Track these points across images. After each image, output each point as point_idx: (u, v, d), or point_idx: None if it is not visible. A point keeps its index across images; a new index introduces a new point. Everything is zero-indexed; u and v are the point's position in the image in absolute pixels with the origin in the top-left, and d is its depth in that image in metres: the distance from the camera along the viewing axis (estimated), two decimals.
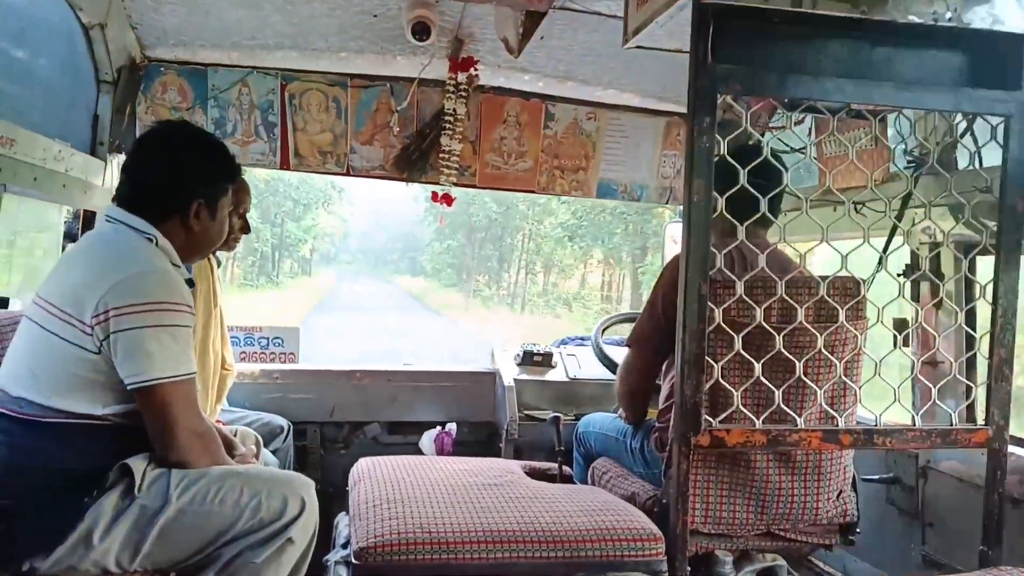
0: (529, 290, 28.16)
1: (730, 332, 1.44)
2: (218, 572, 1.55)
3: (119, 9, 2.34)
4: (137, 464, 1.53)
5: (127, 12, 2.37)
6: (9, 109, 1.91)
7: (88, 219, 2.44)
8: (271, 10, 2.41)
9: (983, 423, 1.51)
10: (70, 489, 1.48)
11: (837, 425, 1.53)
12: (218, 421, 2.35)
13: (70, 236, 2.46)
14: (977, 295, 1.56)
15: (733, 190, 1.40)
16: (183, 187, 1.71)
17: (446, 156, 2.88)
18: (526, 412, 2.99)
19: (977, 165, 1.56)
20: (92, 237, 1.74)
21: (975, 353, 1.59)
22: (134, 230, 1.66)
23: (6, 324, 1.77)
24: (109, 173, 2.45)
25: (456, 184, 2.96)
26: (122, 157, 2.55)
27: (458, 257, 32.49)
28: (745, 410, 1.44)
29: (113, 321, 1.49)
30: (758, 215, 1.44)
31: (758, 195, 1.43)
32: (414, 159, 2.90)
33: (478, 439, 3.17)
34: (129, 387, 1.51)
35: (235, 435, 2.01)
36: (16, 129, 1.82)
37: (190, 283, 1.73)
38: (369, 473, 2.04)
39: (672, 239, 3.31)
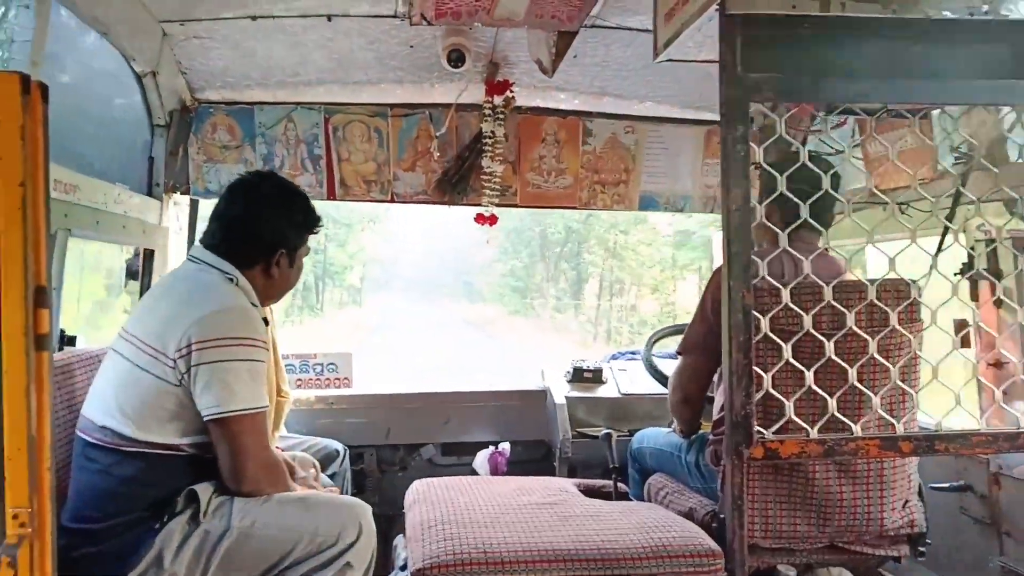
0: (611, 315, 23.29)
1: (778, 341, 1.41)
2: None
3: (169, 57, 2.46)
4: (203, 490, 1.59)
5: (176, 59, 2.50)
6: (71, 157, 2.02)
7: (148, 257, 2.56)
8: (312, 47, 2.50)
9: None
10: (146, 514, 1.56)
11: (896, 432, 1.48)
12: (277, 448, 2.41)
13: (131, 274, 2.57)
14: None
15: (771, 198, 1.38)
16: (271, 236, 1.80)
17: (487, 178, 2.92)
18: (578, 430, 2.98)
19: None
20: (176, 275, 1.84)
21: None
22: (216, 270, 1.75)
23: (74, 361, 1.87)
24: (164, 212, 2.56)
25: (498, 204, 2.99)
26: (177, 195, 2.67)
27: (522, 279, 28.28)
28: (799, 420, 1.41)
29: (195, 355, 1.58)
30: (800, 221, 1.42)
31: (798, 201, 1.41)
32: (455, 182, 2.95)
33: (532, 458, 3.17)
34: (206, 418, 1.58)
35: (294, 460, 2.07)
36: (79, 176, 1.93)
37: (265, 321, 1.81)
38: (424, 495, 2.06)
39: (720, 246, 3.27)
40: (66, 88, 2.16)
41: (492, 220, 3.05)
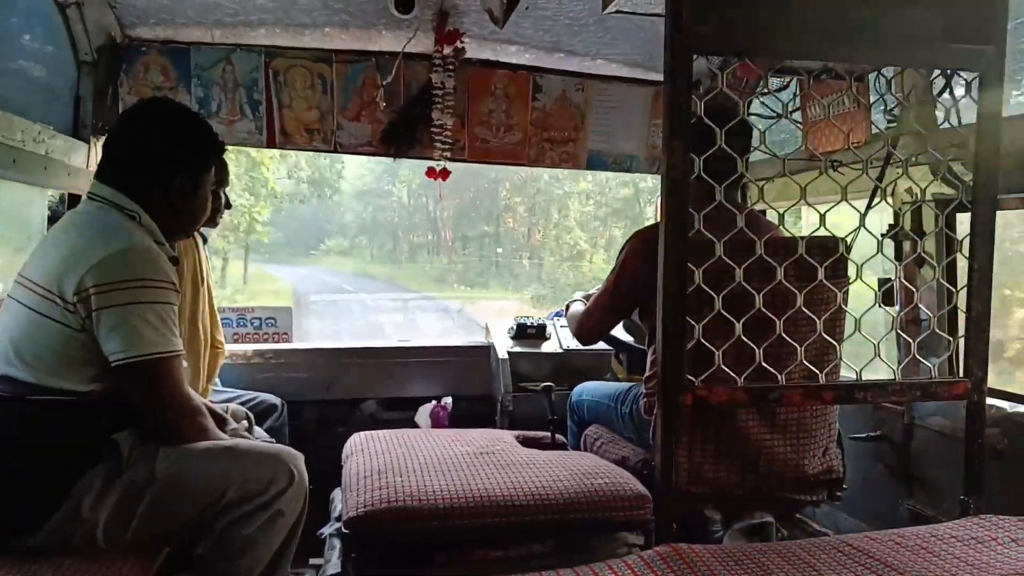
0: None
1: (710, 293, 1.45)
2: (210, 545, 1.58)
3: None
4: (123, 439, 1.54)
5: None
6: None
7: (73, 202, 2.44)
8: None
9: (962, 376, 1.53)
10: (57, 466, 1.50)
11: (819, 382, 1.55)
12: (210, 401, 2.37)
13: (55, 219, 2.45)
14: (955, 250, 1.57)
15: (710, 151, 1.40)
16: (164, 161, 1.71)
17: (438, 130, 2.88)
18: (521, 385, 3.02)
19: (955, 123, 1.56)
20: (75, 215, 1.74)
21: (955, 308, 1.60)
22: (117, 208, 1.66)
23: None
24: (93, 155, 2.44)
25: (447, 159, 2.96)
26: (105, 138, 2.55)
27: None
28: (728, 369, 1.45)
29: (96, 298, 1.50)
30: (734, 176, 1.45)
31: (736, 156, 1.43)
32: (401, 134, 2.89)
33: (474, 413, 3.20)
34: (114, 364, 1.52)
35: (226, 412, 2.03)
36: None
37: (174, 261, 1.74)
38: (362, 447, 2.07)
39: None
40: None
41: (444, 175, 3.02)
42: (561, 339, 3.22)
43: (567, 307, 2.67)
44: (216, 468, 1.58)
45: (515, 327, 3.22)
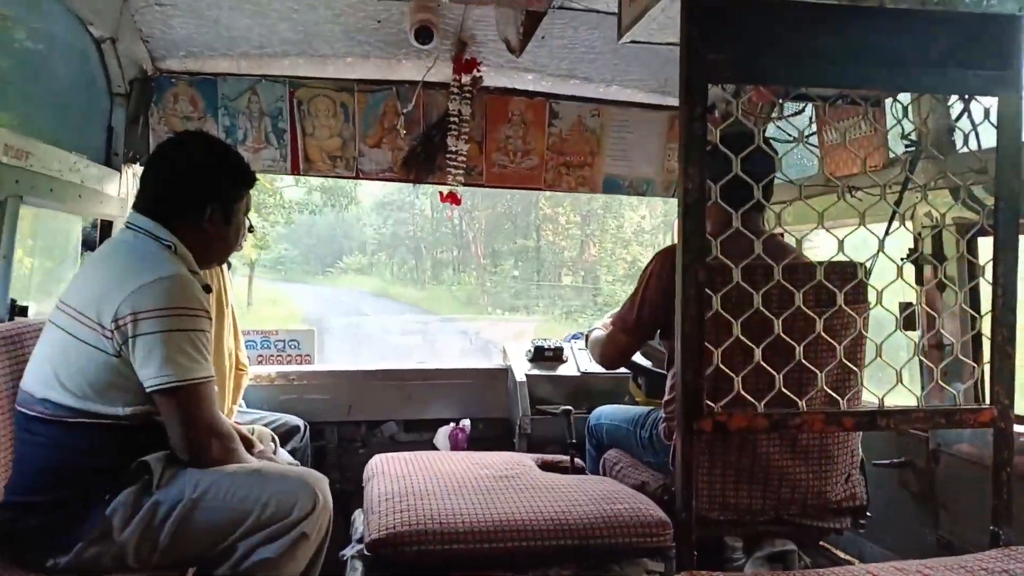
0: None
1: (729, 318, 1.45)
2: (234, 566, 1.60)
3: (129, 23, 2.40)
4: (155, 461, 1.58)
5: (137, 25, 2.44)
6: (25, 123, 1.97)
7: (105, 228, 2.51)
8: (277, 18, 2.47)
9: (988, 403, 1.51)
10: (92, 487, 1.54)
11: (840, 408, 1.54)
12: (235, 423, 2.40)
13: (88, 245, 2.52)
14: (978, 275, 1.56)
15: (727, 178, 1.41)
16: (198, 192, 1.77)
17: (453, 156, 2.92)
18: (538, 407, 3.02)
19: (974, 147, 1.56)
20: (113, 244, 1.80)
21: (979, 333, 1.59)
22: (153, 237, 1.72)
23: (25, 332, 1.83)
24: (124, 183, 2.52)
25: (464, 184, 3.00)
26: (137, 168, 2.63)
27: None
28: (748, 395, 1.45)
29: (132, 326, 1.55)
30: (752, 202, 1.46)
31: (752, 182, 1.44)
32: (421, 160, 2.94)
33: (492, 435, 3.20)
34: (148, 390, 1.56)
35: (252, 434, 2.06)
36: (32, 142, 1.89)
37: (207, 289, 1.79)
38: (383, 469, 2.08)
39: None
40: (20, 52, 2.10)
41: (455, 199, 3.07)
42: (579, 362, 3.22)
43: (587, 335, 2.67)
44: (242, 490, 1.60)
45: (532, 349, 3.23)
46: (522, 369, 3.14)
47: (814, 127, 2.26)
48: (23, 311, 2.00)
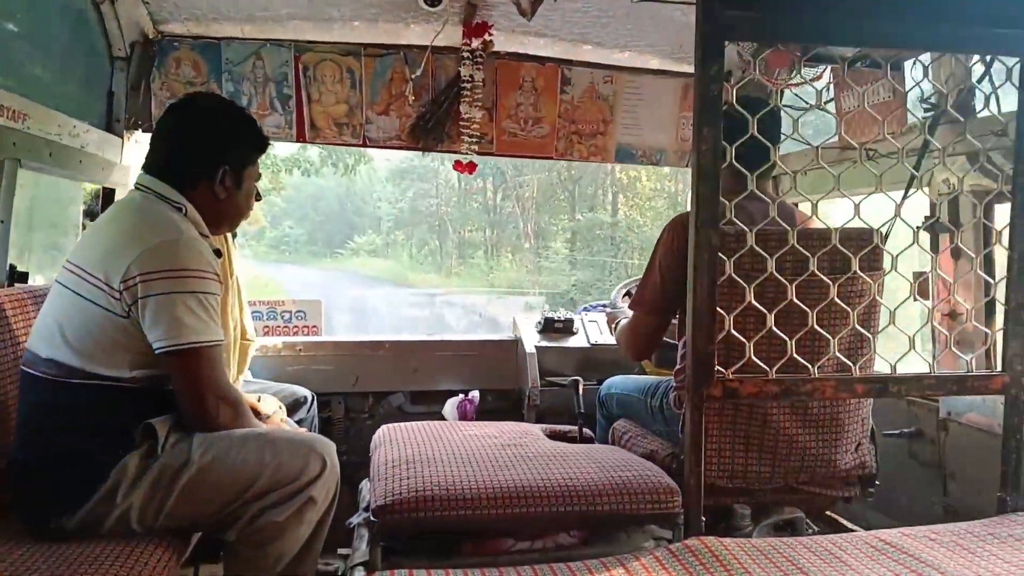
0: None
1: (742, 284, 1.43)
2: (240, 530, 1.60)
3: None
4: (161, 424, 1.57)
5: None
6: (24, 86, 1.94)
7: (107, 197, 2.48)
8: None
9: (1000, 370, 1.49)
10: (96, 449, 1.53)
11: (852, 375, 1.52)
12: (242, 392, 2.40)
13: (90, 215, 2.50)
14: (993, 242, 1.53)
15: (742, 140, 1.38)
16: (210, 155, 1.74)
17: (466, 124, 2.88)
18: (548, 378, 3.02)
19: (994, 110, 1.52)
20: (122, 204, 1.78)
21: (992, 300, 1.56)
22: (164, 199, 1.70)
23: (27, 298, 1.82)
24: (126, 149, 2.49)
25: (475, 152, 2.96)
26: (138, 133, 2.59)
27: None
28: (759, 361, 1.43)
29: (141, 286, 1.53)
30: (767, 165, 1.43)
31: (768, 144, 1.41)
32: (430, 128, 2.90)
33: (501, 406, 3.21)
34: (157, 351, 1.55)
35: (259, 402, 2.06)
36: (29, 104, 1.85)
37: (218, 253, 1.77)
38: (390, 438, 2.08)
39: None
40: (14, 12, 2.06)
41: (471, 168, 3.03)
42: (588, 333, 3.20)
43: (612, 326, 2.56)
44: (250, 455, 1.60)
45: (543, 321, 3.22)
46: (532, 340, 3.12)
47: (832, 92, 2.20)
48: (23, 277, 1.98)
